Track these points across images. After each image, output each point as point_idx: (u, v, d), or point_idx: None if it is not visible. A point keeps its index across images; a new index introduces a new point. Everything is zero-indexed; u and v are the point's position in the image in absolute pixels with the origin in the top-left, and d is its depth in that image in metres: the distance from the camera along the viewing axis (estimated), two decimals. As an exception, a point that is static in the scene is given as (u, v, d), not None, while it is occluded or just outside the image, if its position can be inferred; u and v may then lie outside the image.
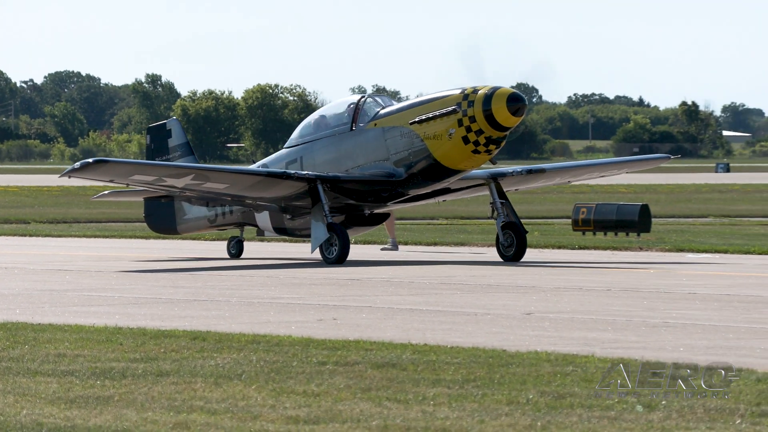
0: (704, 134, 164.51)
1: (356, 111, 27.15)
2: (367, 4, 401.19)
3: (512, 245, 26.52)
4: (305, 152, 27.67)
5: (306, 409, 10.70)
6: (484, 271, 24.97)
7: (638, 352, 13.63)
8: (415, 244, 33.02)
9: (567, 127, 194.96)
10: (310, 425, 10.13)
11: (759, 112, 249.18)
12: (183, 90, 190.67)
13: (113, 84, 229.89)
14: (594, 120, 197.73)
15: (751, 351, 13.82)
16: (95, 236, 37.59)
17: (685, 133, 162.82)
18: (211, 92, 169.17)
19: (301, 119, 33.11)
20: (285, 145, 28.48)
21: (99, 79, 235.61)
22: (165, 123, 31.24)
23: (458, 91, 26.08)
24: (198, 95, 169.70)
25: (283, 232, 28.66)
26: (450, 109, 26.02)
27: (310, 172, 26.97)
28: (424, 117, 26.33)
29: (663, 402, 10.80)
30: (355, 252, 31.70)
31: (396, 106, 27.06)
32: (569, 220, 37.52)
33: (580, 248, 31.44)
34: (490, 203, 27.00)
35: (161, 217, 30.59)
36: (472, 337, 14.96)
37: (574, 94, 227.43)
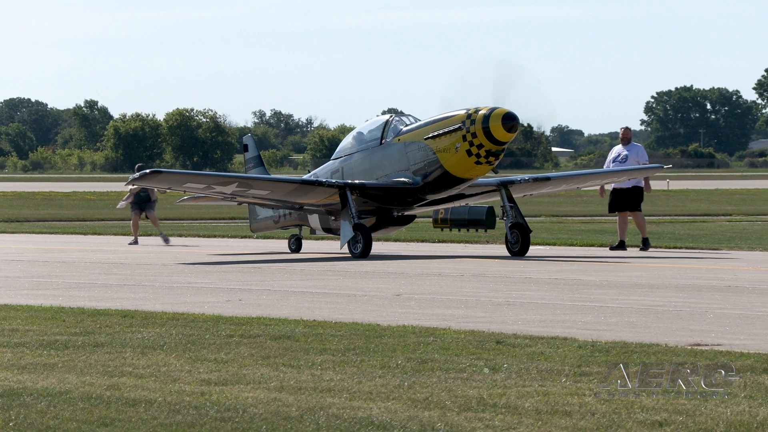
0: (537, 150, 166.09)
1: (385, 128, 26.65)
2: (265, 39, 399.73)
3: (518, 242, 25.69)
4: (345, 163, 26.89)
5: (216, 374, 10.64)
6: (362, 261, 24.98)
7: (485, 325, 13.71)
8: (306, 239, 32.95)
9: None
10: (220, 386, 10.06)
11: (580, 133, 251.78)
12: (115, 113, 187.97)
13: (57, 108, 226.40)
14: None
15: (574, 324, 13.96)
16: (42, 233, 37.03)
17: (522, 149, 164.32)
18: (138, 115, 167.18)
19: (213, 137, 32.58)
20: (332, 158, 27.74)
21: (46, 104, 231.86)
22: (242, 139, 30.20)
23: (463, 112, 25.62)
24: (127, 117, 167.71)
25: (329, 231, 27.87)
26: (456, 126, 25.50)
27: (338, 180, 26.14)
28: (436, 133, 25.70)
29: (505, 365, 10.87)
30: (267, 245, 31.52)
31: (415, 124, 26.49)
32: (431, 219, 37.66)
33: (440, 242, 31.62)
34: (501, 206, 26.41)
35: (250, 219, 29.93)
36: (352, 314, 14.96)
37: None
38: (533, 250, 28.46)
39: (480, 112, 25.39)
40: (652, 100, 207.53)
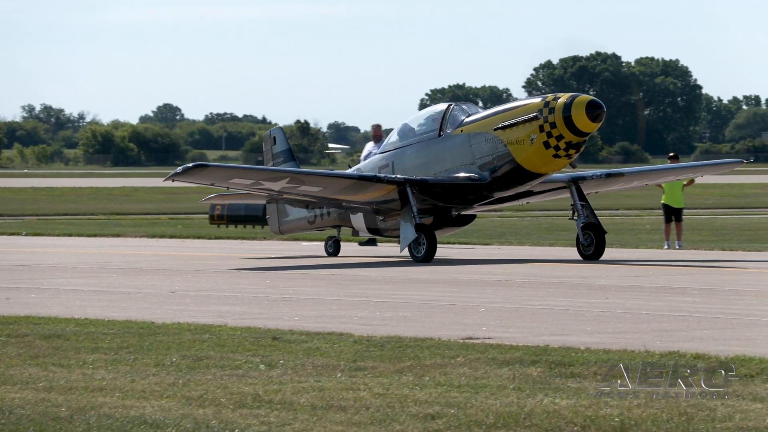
0: (314, 146, 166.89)
1: (444, 118, 23.80)
2: (35, 33, 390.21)
3: (592, 244, 23.14)
4: (396, 158, 24.26)
5: (-17, 375, 10.31)
6: (137, 258, 24.63)
7: (262, 321, 13.70)
8: (78, 236, 32.32)
9: (205, 140, 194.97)
10: (-13, 388, 9.76)
11: (356, 129, 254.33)
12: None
13: None
14: (226, 134, 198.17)
15: (350, 319, 14.08)
16: None
17: (299, 146, 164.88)
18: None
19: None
20: (377, 151, 25.23)
21: None
22: (270, 132, 27.72)
23: (539, 99, 22.96)
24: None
25: (375, 232, 25.12)
26: (532, 115, 22.75)
27: (399, 176, 23.63)
28: (507, 123, 23.03)
29: (281, 361, 10.89)
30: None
31: (481, 113, 23.69)
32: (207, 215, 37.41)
33: (216, 238, 31.44)
34: (571, 205, 23.66)
35: (271, 219, 27.12)
36: (126, 312, 14.74)
37: (210, 113, 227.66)
38: (314, 246, 28.56)
39: (560, 100, 22.71)
40: (426, 98, 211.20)
